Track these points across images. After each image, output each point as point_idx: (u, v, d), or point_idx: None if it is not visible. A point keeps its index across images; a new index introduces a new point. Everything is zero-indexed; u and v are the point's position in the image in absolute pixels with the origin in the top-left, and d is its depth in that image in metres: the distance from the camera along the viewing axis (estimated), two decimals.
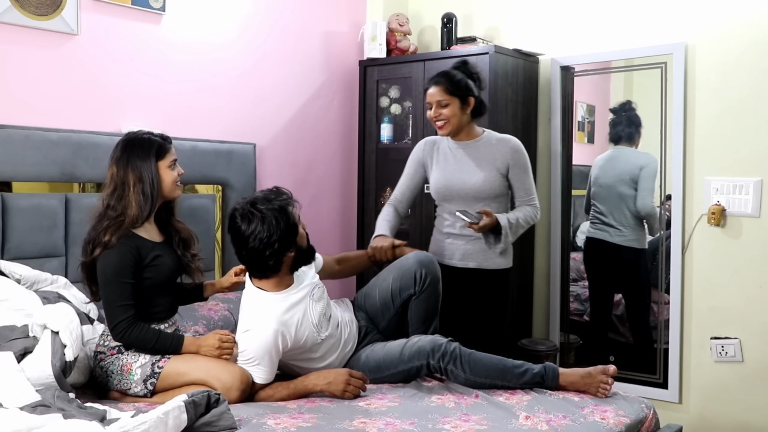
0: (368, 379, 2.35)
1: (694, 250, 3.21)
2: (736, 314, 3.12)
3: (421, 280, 2.57)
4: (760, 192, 3.04)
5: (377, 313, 2.65)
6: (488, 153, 2.83)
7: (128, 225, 2.29)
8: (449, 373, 2.35)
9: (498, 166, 2.81)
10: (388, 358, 2.43)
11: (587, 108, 3.63)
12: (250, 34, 3.45)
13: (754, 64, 3.04)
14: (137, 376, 2.25)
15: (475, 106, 2.83)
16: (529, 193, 2.86)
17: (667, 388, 3.27)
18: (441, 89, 2.79)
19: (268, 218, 2.25)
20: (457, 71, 2.84)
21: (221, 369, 2.24)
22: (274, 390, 2.28)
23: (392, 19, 3.81)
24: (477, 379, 2.33)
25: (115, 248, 2.25)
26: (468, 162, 2.84)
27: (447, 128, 2.82)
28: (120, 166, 2.32)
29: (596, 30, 3.46)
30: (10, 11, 2.62)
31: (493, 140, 2.86)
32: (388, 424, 2.00)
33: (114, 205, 2.30)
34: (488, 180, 2.80)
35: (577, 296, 3.63)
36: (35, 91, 2.73)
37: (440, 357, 2.34)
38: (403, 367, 2.40)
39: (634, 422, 2.14)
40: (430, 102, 2.81)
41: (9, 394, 1.92)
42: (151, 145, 2.35)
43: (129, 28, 2.98)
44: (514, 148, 2.84)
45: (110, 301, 2.26)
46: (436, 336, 2.45)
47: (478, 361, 2.34)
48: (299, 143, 3.70)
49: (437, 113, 2.80)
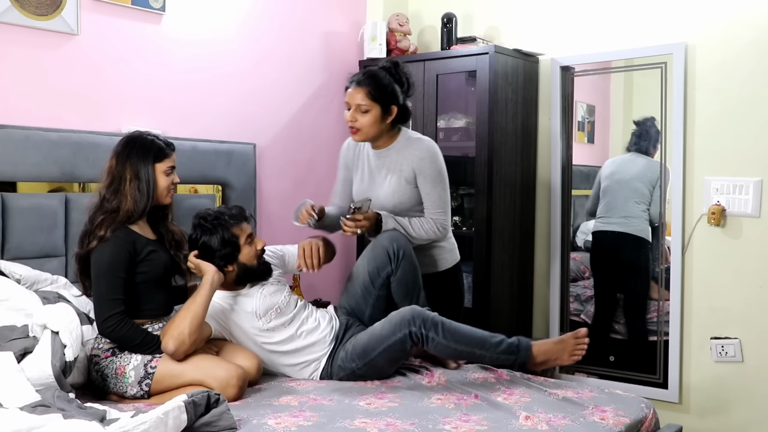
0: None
1: (694, 250, 3.21)
2: (736, 314, 3.12)
3: (395, 256, 2.52)
4: (760, 192, 3.04)
5: (360, 302, 2.62)
6: (398, 160, 2.65)
7: (123, 219, 2.30)
8: (430, 340, 2.34)
9: (405, 174, 2.63)
10: (372, 338, 2.42)
11: (587, 108, 3.63)
12: (250, 34, 3.45)
13: (754, 64, 3.04)
14: (131, 378, 2.25)
15: (397, 115, 2.62)
16: (437, 207, 2.63)
17: (667, 388, 3.27)
18: (363, 92, 2.56)
19: (209, 231, 2.42)
20: (386, 74, 2.62)
21: (216, 366, 2.25)
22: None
23: (392, 19, 3.81)
24: (457, 347, 2.35)
25: (110, 241, 2.26)
26: (381, 172, 2.68)
27: (360, 136, 2.62)
28: (119, 161, 2.34)
29: (596, 30, 3.46)
30: (10, 11, 2.61)
31: (405, 144, 2.65)
32: (389, 424, 2.00)
33: (109, 198, 2.32)
34: (396, 192, 2.64)
35: (577, 296, 3.63)
36: (35, 91, 2.72)
37: (421, 323, 2.34)
38: (388, 342, 2.37)
39: (634, 422, 2.14)
40: (349, 103, 2.59)
41: (9, 394, 1.91)
42: (153, 146, 2.38)
43: (129, 28, 2.98)
44: (419, 155, 2.61)
45: (101, 294, 2.26)
46: (415, 306, 2.44)
47: (458, 329, 2.37)
48: (299, 143, 3.70)
49: (353, 118, 2.58)
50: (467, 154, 3.57)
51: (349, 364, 2.45)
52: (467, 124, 3.58)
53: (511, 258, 3.54)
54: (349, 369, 2.45)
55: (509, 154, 3.48)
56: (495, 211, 3.40)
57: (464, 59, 3.48)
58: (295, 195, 3.63)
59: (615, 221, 3.50)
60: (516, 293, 3.58)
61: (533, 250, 3.70)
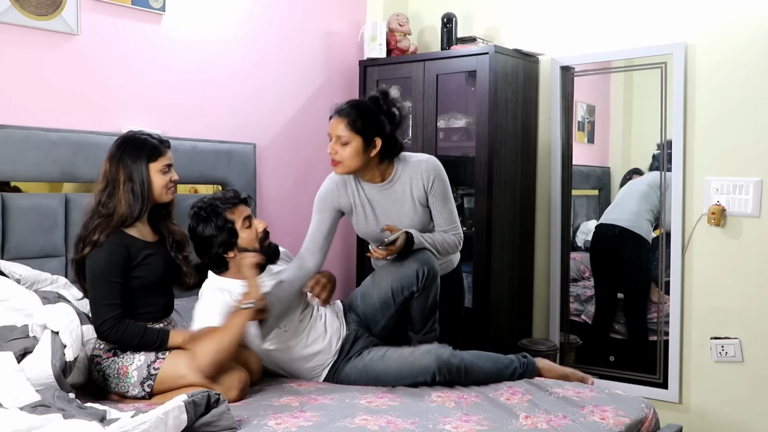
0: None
1: (694, 250, 3.21)
2: (736, 314, 3.12)
3: (423, 278, 2.49)
4: (760, 192, 3.04)
5: (375, 313, 2.61)
6: (404, 189, 2.58)
7: (117, 223, 2.28)
8: (454, 386, 2.40)
9: (417, 197, 2.58)
10: (389, 372, 2.42)
11: (587, 108, 3.63)
12: (250, 34, 3.45)
13: (754, 64, 3.04)
14: (134, 378, 2.25)
15: (384, 147, 2.51)
16: (451, 221, 2.61)
17: (667, 388, 3.27)
18: (343, 123, 2.46)
19: (204, 220, 2.40)
20: (372, 104, 2.53)
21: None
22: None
23: (392, 19, 3.81)
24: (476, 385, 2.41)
25: (104, 246, 2.25)
26: (389, 207, 2.61)
27: (341, 168, 2.50)
28: (112, 164, 2.33)
29: (596, 30, 3.46)
30: (10, 11, 2.62)
31: (405, 171, 2.58)
32: (389, 422, 2.00)
33: (105, 202, 2.30)
34: (415, 217, 2.59)
35: (577, 297, 3.63)
36: (35, 91, 2.73)
37: (446, 373, 2.38)
38: (405, 381, 2.39)
39: (634, 422, 2.14)
40: (331, 134, 2.49)
41: (9, 394, 1.91)
42: (145, 146, 2.35)
43: (129, 28, 2.98)
44: (427, 176, 2.56)
45: (96, 299, 2.26)
46: (438, 349, 2.42)
47: (478, 371, 2.42)
48: (299, 143, 3.70)
49: (333, 150, 2.48)
50: (467, 154, 3.57)
51: (358, 379, 2.46)
52: (467, 124, 3.58)
53: (511, 258, 3.54)
54: (357, 383, 2.46)
55: (509, 154, 3.48)
56: (495, 211, 3.40)
57: (464, 59, 3.48)
58: (294, 195, 3.63)
59: (618, 217, 3.51)
60: (516, 293, 3.58)
61: (533, 250, 3.70)
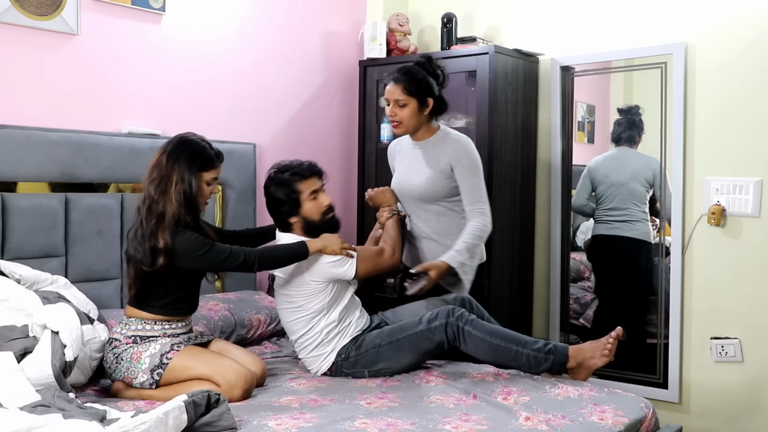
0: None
1: (694, 250, 3.21)
2: (736, 314, 3.12)
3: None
4: (760, 192, 3.04)
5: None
6: (436, 152, 2.78)
7: (171, 224, 2.29)
8: (466, 334, 2.43)
9: (442, 166, 2.74)
10: (407, 323, 2.54)
11: (587, 108, 3.63)
12: (250, 34, 3.45)
13: (754, 64, 3.04)
14: (145, 364, 2.28)
15: (434, 106, 2.76)
16: (475, 196, 2.73)
17: (667, 388, 3.27)
18: (400, 88, 2.72)
19: (275, 184, 2.62)
20: (420, 69, 2.77)
21: (225, 366, 2.29)
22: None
23: (392, 19, 3.81)
24: (493, 341, 2.43)
25: (179, 235, 2.29)
26: (419, 162, 2.80)
27: (401, 129, 2.77)
28: (169, 160, 2.35)
29: (596, 30, 3.46)
30: (10, 11, 2.62)
31: (443, 139, 2.80)
32: (389, 424, 2.00)
33: (157, 200, 2.32)
34: (431, 180, 2.74)
35: (577, 299, 3.63)
36: (35, 91, 2.73)
37: (459, 316, 2.45)
38: (422, 327, 2.48)
39: (634, 422, 2.14)
40: (388, 99, 2.75)
41: (9, 394, 1.92)
42: (203, 154, 2.39)
43: (129, 28, 2.98)
44: (457, 147, 2.75)
45: (218, 260, 2.34)
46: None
47: (494, 326, 2.51)
48: (299, 143, 3.70)
49: (393, 113, 2.74)
50: None
51: (375, 339, 2.53)
52: (467, 124, 3.58)
53: (511, 258, 3.54)
54: (373, 345, 2.52)
55: (509, 154, 3.48)
56: (495, 211, 3.36)
57: (464, 59, 3.48)
58: None
59: (617, 226, 3.48)
60: (516, 293, 3.58)
61: (533, 250, 3.70)
